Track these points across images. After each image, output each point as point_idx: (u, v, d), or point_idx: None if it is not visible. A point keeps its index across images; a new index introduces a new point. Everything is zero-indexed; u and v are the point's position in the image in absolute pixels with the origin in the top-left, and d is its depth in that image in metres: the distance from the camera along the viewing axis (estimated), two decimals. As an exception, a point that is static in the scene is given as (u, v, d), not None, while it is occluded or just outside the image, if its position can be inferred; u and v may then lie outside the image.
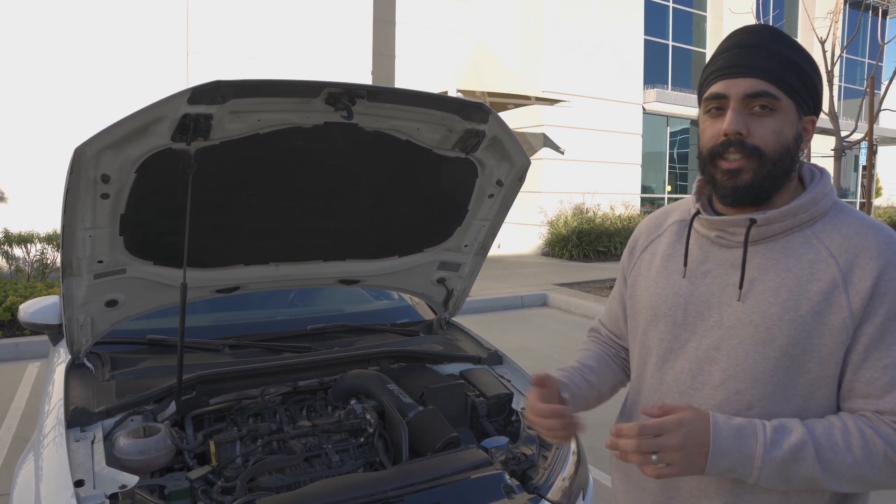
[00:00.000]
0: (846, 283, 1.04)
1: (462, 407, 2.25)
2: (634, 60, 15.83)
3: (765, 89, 1.06)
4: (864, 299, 1.02)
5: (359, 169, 2.13)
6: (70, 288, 2.02)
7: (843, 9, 13.88)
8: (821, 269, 1.06)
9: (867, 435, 1.00)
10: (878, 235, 1.06)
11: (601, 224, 13.83)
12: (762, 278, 1.10)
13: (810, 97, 1.10)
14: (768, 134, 1.07)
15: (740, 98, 1.08)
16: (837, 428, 1.02)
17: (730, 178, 1.10)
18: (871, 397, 1.03)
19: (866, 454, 1.00)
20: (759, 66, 1.07)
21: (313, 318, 2.86)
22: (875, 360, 1.03)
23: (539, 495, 1.84)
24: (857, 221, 1.09)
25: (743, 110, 1.08)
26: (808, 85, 1.09)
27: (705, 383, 1.13)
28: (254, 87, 1.68)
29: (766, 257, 1.11)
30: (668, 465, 1.01)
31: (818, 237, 1.09)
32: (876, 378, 1.02)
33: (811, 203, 1.10)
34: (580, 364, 1.39)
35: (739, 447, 1.02)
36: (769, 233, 1.11)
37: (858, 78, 23.36)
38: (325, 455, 1.94)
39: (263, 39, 10.85)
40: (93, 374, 2.20)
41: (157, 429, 1.85)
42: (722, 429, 1.02)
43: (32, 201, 9.36)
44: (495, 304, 8.50)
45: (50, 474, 1.66)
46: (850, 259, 1.05)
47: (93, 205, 1.83)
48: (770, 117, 1.07)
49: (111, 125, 1.64)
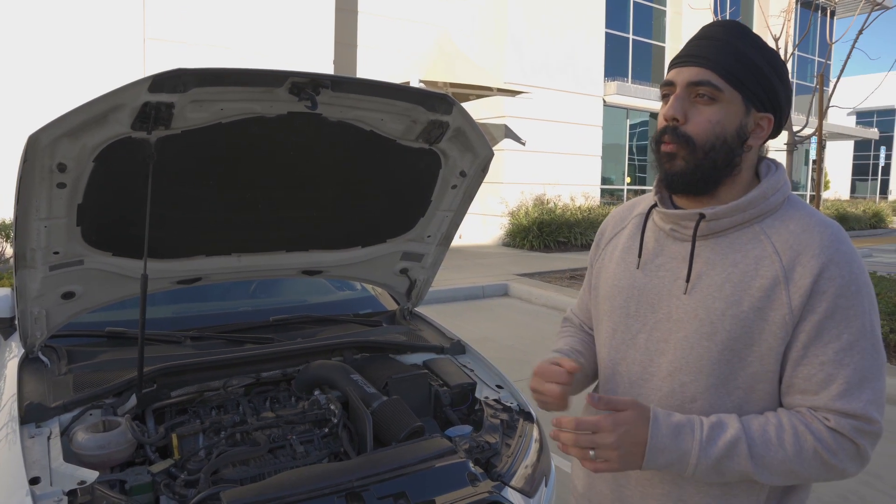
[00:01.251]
0: (787, 280, 1.06)
1: (425, 396, 2.27)
2: (595, 53, 16.01)
3: (706, 79, 1.09)
4: (803, 297, 1.05)
5: (322, 159, 2.12)
6: (24, 280, 1.97)
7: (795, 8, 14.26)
8: (765, 265, 1.08)
9: (799, 431, 1.04)
10: (824, 233, 1.08)
11: (562, 215, 14.00)
12: (709, 273, 1.12)
13: (763, 93, 1.11)
14: (702, 122, 1.10)
15: (684, 85, 1.11)
16: (772, 424, 1.06)
17: (666, 162, 1.14)
18: (808, 393, 1.06)
19: (797, 449, 1.03)
20: (707, 56, 1.10)
21: (276, 309, 2.85)
22: (812, 357, 1.05)
23: (503, 482, 1.87)
24: (806, 218, 1.11)
25: (686, 98, 1.11)
26: (761, 82, 1.11)
27: (654, 374, 1.17)
28: (217, 75, 1.66)
29: (714, 252, 1.13)
30: (605, 461, 1.05)
31: (766, 233, 1.11)
32: (812, 374, 1.05)
33: (760, 199, 1.12)
34: (570, 349, 1.41)
35: (677, 444, 1.05)
36: (718, 227, 1.13)
37: (809, 74, 24.07)
38: (290, 446, 1.93)
39: (223, 27, 10.63)
40: (48, 368, 2.15)
41: (117, 423, 1.82)
42: (661, 427, 1.06)
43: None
44: (457, 294, 8.54)
45: (2, 473, 1.62)
46: (794, 256, 1.07)
47: (48, 194, 1.79)
48: (710, 107, 1.10)
49: (68, 112, 1.60)
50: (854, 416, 1.03)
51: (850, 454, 1.04)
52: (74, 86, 9.49)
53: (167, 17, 10.17)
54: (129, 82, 1.59)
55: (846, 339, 1.04)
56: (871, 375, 1.04)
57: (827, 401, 1.04)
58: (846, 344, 1.04)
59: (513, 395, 2.37)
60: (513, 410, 2.24)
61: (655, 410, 1.08)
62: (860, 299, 1.05)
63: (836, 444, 1.03)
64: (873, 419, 1.03)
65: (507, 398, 2.33)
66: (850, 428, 1.03)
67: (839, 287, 1.04)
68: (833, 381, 1.04)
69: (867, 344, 1.05)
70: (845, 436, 1.03)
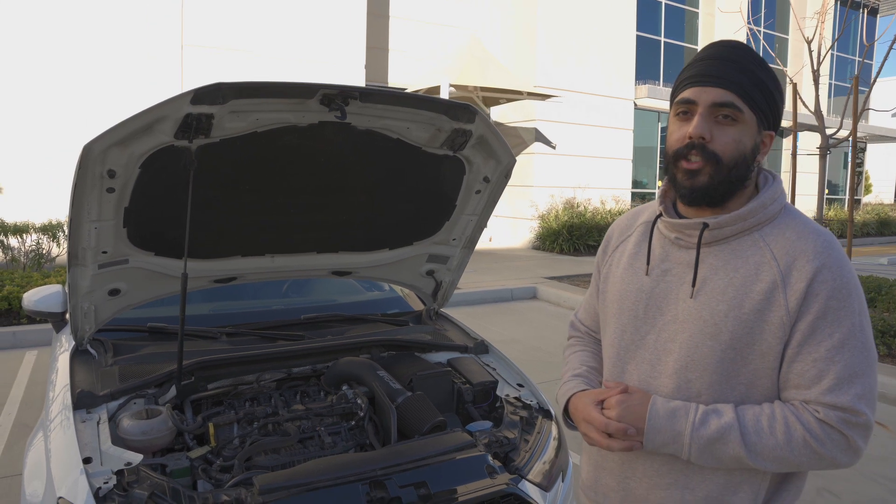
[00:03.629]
0: (785, 284, 1.14)
1: (448, 393, 2.36)
2: (626, 56, 15.93)
3: (731, 100, 1.16)
4: (798, 299, 1.13)
5: (351, 166, 2.23)
6: (75, 277, 2.12)
7: (833, 7, 13.98)
8: (764, 270, 1.17)
9: (790, 421, 1.13)
10: (817, 240, 1.16)
11: (592, 218, 13.96)
12: (713, 278, 1.21)
13: (771, 114, 1.20)
14: (728, 142, 1.17)
15: (708, 105, 1.17)
16: (765, 414, 1.15)
17: (688, 179, 1.20)
18: (801, 387, 1.15)
19: (787, 438, 1.12)
20: (729, 78, 1.16)
21: (307, 308, 2.97)
22: (806, 355, 1.14)
23: (520, 476, 1.95)
24: (801, 226, 1.20)
25: (709, 117, 1.17)
26: (770, 103, 1.19)
27: (662, 372, 1.25)
28: (253, 88, 1.78)
29: (717, 258, 1.22)
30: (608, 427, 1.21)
31: (765, 240, 1.20)
32: (805, 370, 1.14)
33: (760, 208, 1.21)
34: (587, 367, 1.49)
35: (671, 425, 1.18)
36: (721, 235, 1.22)
37: (849, 76, 23.54)
38: (318, 437, 2.04)
39: (257, 33, 10.89)
40: (96, 359, 2.30)
41: (158, 411, 1.95)
42: (658, 409, 1.20)
43: (28, 192, 9.42)
44: (486, 296, 8.62)
45: (59, 453, 1.76)
46: (790, 262, 1.15)
47: (99, 198, 1.93)
48: (732, 127, 1.17)
49: (118, 123, 1.74)
50: (842, 408, 1.10)
51: (840, 445, 1.12)
52: (118, 93, 9.83)
53: (204, 24, 10.47)
54: (173, 96, 1.72)
55: (837, 338, 1.12)
56: (860, 371, 1.12)
57: (817, 394, 1.12)
58: (837, 342, 1.12)
59: (533, 394, 2.44)
60: (532, 408, 2.31)
61: (656, 396, 1.21)
62: (850, 301, 1.13)
63: (825, 434, 1.11)
64: (860, 412, 1.10)
65: (528, 396, 2.41)
66: (838, 419, 1.10)
67: (831, 289, 1.12)
68: (824, 376, 1.12)
69: (857, 342, 1.12)
70: (833, 427, 1.11)
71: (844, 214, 20.13)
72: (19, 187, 9.43)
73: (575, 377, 1.46)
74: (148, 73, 10.11)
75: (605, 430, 1.23)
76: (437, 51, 14.13)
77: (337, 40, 11.58)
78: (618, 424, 1.21)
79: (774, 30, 20.39)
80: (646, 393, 1.24)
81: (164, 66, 10.24)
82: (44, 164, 9.49)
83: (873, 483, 3.58)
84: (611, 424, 1.22)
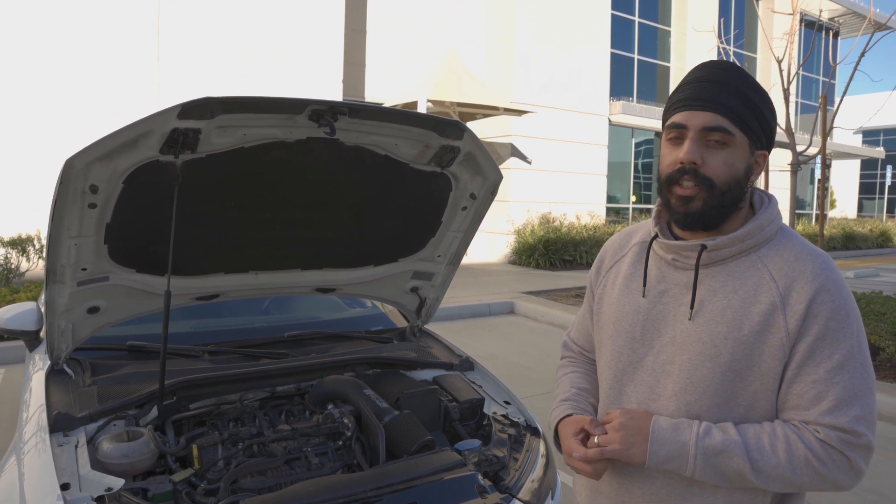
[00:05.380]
0: (784, 306, 1.14)
1: (435, 411, 2.34)
2: (601, 73, 16.18)
3: (721, 124, 1.15)
4: (798, 320, 1.13)
5: (338, 182, 2.21)
6: (53, 295, 2.06)
7: (798, 30, 14.38)
8: (763, 291, 1.17)
9: (791, 440, 1.12)
10: (815, 262, 1.17)
11: (567, 233, 14.06)
12: (711, 299, 1.21)
13: (763, 135, 1.21)
14: (720, 166, 1.17)
15: (698, 130, 1.17)
16: (766, 433, 1.14)
17: (682, 204, 1.20)
18: (800, 408, 1.14)
19: (788, 457, 1.12)
20: (719, 101, 1.16)
21: (290, 326, 2.93)
22: (805, 376, 1.14)
23: (511, 495, 1.93)
24: (799, 247, 1.20)
25: (700, 141, 1.17)
26: (762, 124, 1.19)
27: (661, 395, 1.25)
28: (242, 103, 1.75)
29: (715, 279, 1.22)
30: (609, 442, 1.20)
31: (763, 262, 1.20)
32: (805, 391, 1.14)
33: (757, 230, 1.21)
34: (577, 389, 1.48)
35: (676, 437, 1.17)
36: (719, 257, 1.22)
37: (814, 95, 24.20)
38: (305, 458, 2.00)
39: (236, 45, 10.82)
40: (73, 379, 2.23)
41: (140, 433, 1.89)
42: (661, 423, 1.19)
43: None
44: (463, 311, 8.60)
45: (34, 478, 1.69)
46: (789, 283, 1.15)
47: (80, 214, 1.88)
48: (723, 150, 1.17)
49: (102, 138, 1.70)
50: (842, 429, 1.10)
51: (842, 466, 1.11)
52: (91, 100, 9.66)
53: (181, 33, 10.37)
54: (160, 110, 1.68)
55: (837, 360, 1.12)
56: (859, 393, 1.12)
57: (817, 416, 1.12)
58: (836, 364, 1.12)
59: (520, 411, 2.43)
60: (520, 426, 2.30)
61: (658, 415, 1.22)
62: (849, 322, 1.14)
63: (826, 454, 1.11)
64: (860, 433, 1.10)
65: (515, 414, 2.40)
66: (838, 440, 1.10)
67: (830, 311, 1.13)
68: (824, 398, 1.12)
69: (856, 364, 1.12)
70: (835, 447, 1.11)
71: (812, 229, 20.60)
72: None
73: (563, 402, 1.45)
74: (123, 78, 9.95)
75: (584, 460, 1.23)
76: (415, 66, 14.19)
77: (315, 56, 11.56)
78: (595, 451, 1.21)
79: (744, 49, 20.90)
80: (647, 411, 1.23)
81: (140, 72, 10.10)
82: (12, 176, 9.27)
83: (854, 496, 3.62)
84: (589, 453, 1.22)
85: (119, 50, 9.94)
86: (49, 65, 9.48)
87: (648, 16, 18.27)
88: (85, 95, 9.67)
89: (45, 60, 9.46)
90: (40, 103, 9.43)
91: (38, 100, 9.42)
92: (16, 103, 9.31)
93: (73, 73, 9.63)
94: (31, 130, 9.38)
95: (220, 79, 10.65)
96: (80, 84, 9.66)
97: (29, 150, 9.34)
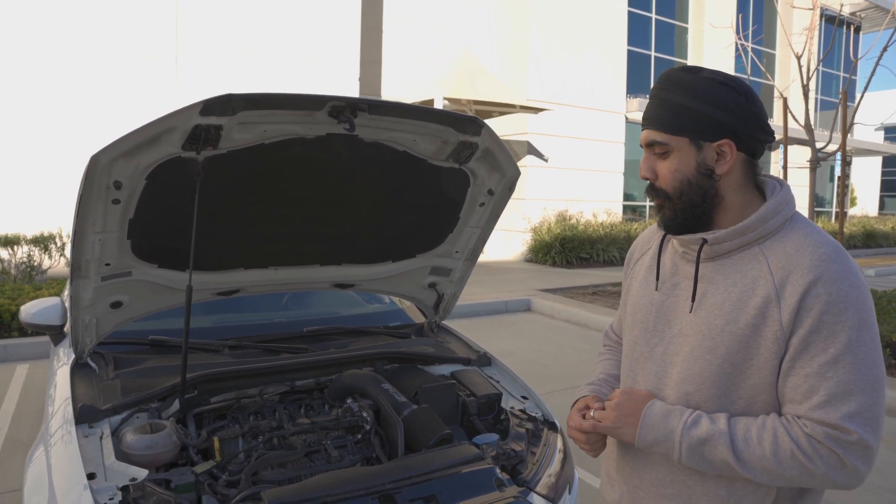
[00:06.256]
0: (779, 299, 1.13)
1: (453, 406, 2.35)
2: (617, 70, 16.09)
3: (653, 138, 1.23)
4: (791, 313, 1.11)
5: (357, 178, 2.22)
6: (78, 289, 2.09)
7: (818, 25, 14.20)
8: (760, 284, 1.16)
9: (778, 433, 1.12)
10: (815, 253, 1.13)
11: (584, 231, 14.01)
12: (712, 291, 1.22)
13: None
14: (666, 174, 1.24)
15: (645, 147, 1.26)
16: (756, 424, 1.15)
17: (658, 213, 1.30)
18: (795, 402, 1.13)
19: (773, 450, 1.11)
20: (649, 116, 1.24)
21: (309, 321, 2.95)
22: (798, 370, 1.12)
23: (528, 488, 1.94)
24: (802, 238, 1.17)
25: (651, 156, 1.26)
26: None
27: (666, 385, 1.28)
28: (263, 99, 1.77)
29: (717, 272, 1.23)
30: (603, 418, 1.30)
31: (765, 254, 1.18)
32: (798, 385, 1.12)
33: (758, 223, 1.19)
34: (605, 375, 1.56)
35: (665, 423, 1.22)
36: (721, 251, 1.22)
37: (834, 91, 23.88)
38: (325, 451, 2.02)
39: (253, 44, 10.90)
40: (97, 373, 2.27)
41: (162, 425, 1.93)
42: (654, 408, 1.25)
43: (19, 204, 9.33)
44: (480, 309, 8.61)
45: (62, 468, 1.73)
46: (785, 275, 1.14)
47: (104, 210, 1.91)
48: (666, 160, 1.23)
49: (125, 135, 1.73)
50: (830, 425, 1.08)
51: (831, 463, 1.09)
52: (112, 98, 9.79)
53: (199, 29, 10.47)
54: (182, 107, 1.71)
55: (831, 354, 1.09)
56: (855, 389, 1.08)
57: (807, 410, 1.11)
58: (831, 358, 1.09)
59: (538, 406, 2.44)
60: (538, 420, 2.30)
61: (657, 399, 1.27)
62: (846, 316, 1.09)
63: (812, 449, 1.09)
64: (850, 430, 1.07)
65: (533, 408, 2.40)
66: (825, 436, 1.08)
67: (825, 304, 1.10)
68: (815, 392, 1.10)
69: (853, 359, 1.09)
70: (821, 443, 1.09)
71: (832, 227, 20.33)
72: (11, 198, 9.34)
73: (587, 385, 1.53)
74: (142, 76, 10.07)
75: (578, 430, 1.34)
76: (431, 65, 14.20)
77: (332, 54, 11.62)
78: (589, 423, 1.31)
79: (762, 45, 20.67)
80: (650, 394, 1.29)
81: (160, 69, 10.21)
82: (35, 174, 9.41)
83: (871, 494, 3.59)
84: (584, 425, 1.32)
85: (138, 50, 10.05)
86: (72, 66, 9.62)
87: (665, 12, 18.14)
88: (106, 95, 9.79)
89: (68, 61, 9.60)
90: (62, 104, 9.57)
91: (61, 100, 9.56)
92: (40, 106, 9.45)
93: (94, 73, 9.75)
94: (53, 130, 9.52)
95: (239, 78, 10.73)
96: (100, 84, 9.78)
97: (52, 150, 9.48)
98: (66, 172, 9.32)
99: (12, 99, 9.29)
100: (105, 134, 9.41)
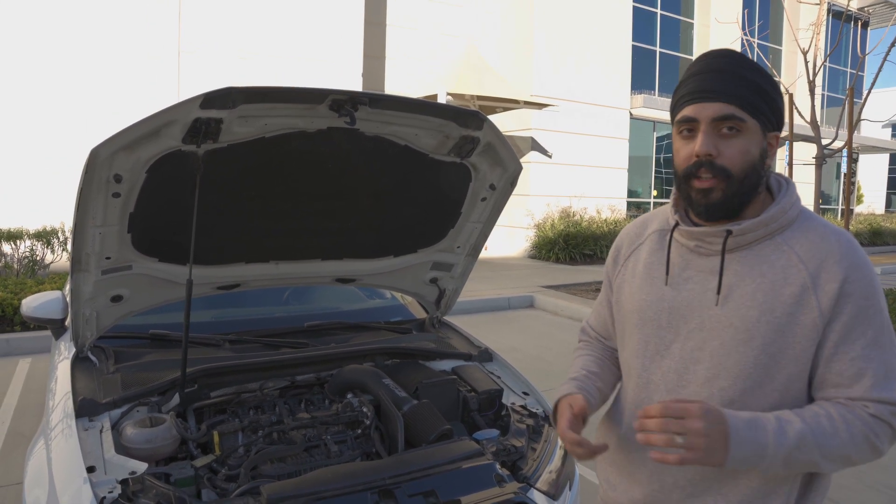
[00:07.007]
0: (815, 286, 1.15)
1: (454, 401, 2.34)
2: (622, 66, 16.02)
3: (732, 112, 1.16)
4: (831, 300, 1.14)
5: (358, 172, 2.21)
6: (78, 283, 2.09)
7: (825, 20, 14.11)
8: (792, 273, 1.17)
9: (848, 419, 1.13)
10: (840, 241, 1.18)
11: (587, 227, 13.98)
12: (740, 283, 1.20)
13: (773, 115, 1.21)
14: (735, 154, 1.17)
15: (709, 121, 1.17)
16: (822, 416, 1.13)
17: (703, 197, 1.21)
18: (842, 386, 1.16)
19: (849, 435, 1.12)
20: (726, 90, 1.16)
21: (310, 316, 2.95)
22: (843, 354, 1.15)
23: (528, 484, 1.93)
24: (822, 228, 1.21)
25: (712, 132, 1.17)
26: (770, 105, 1.19)
27: (691, 381, 1.24)
28: (263, 93, 1.76)
29: (742, 264, 1.21)
30: (692, 448, 1.05)
31: (788, 244, 1.20)
32: (844, 369, 1.15)
33: (780, 213, 1.21)
34: (587, 371, 1.48)
35: (755, 437, 1.09)
36: (744, 242, 1.22)
37: (841, 87, 23.75)
38: (324, 445, 2.02)
39: (255, 41, 10.89)
40: (97, 367, 2.27)
41: (162, 419, 1.93)
42: (736, 421, 1.10)
43: (21, 201, 9.35)
44: (483, 305, 8.60)
45: (62, 461, 1.73)
46: (818, 264, 1.16)
47: (104, 203, 1.91)
48: (737, 138, 1.17)
49: (126, 128, 1.72)
50: (891, 402, 1.13)
51: (889, 436, 1.15)
52: (116, 98, 9.79)
53: (201, 31, 10.46)
54: (183, 100, 1.70)
55: (871, 336, 1.15)
56: (893, 365, 1.15)
57: (863, 392, 1.14)
58: (871, 340, 1.15)
59: (539, 402, 2.43)
60: (538, 416, 2.30)
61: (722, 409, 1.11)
62: (878, 299, 1.16)
63: (879, 427, 1.14)
64: None
65: (533, 404, 2.40)
66: (889, 413, 1.13)
67: (862, 289, 1.15)
68: (864, 373, 1.14)
69: (887, 339, 1.16)
70: (885, 421, 1.14)
71: (837, 224, 20.24)
72: (13, 193, 9.36)
73: (570, 381, 1.45)
74: (145, 75, 10.08)
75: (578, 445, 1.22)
76: (434, 60, 14.17)
77: (335, 49, 11.60)
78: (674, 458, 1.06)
79: (769, 41, 20.56)
80: (719, 410, 1.10)
81: (162, 68, 10.21)
82: (38, 170, 9.43)
83: (874, 491, 3.57)
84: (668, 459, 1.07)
85: (139, 50, 10.05)
86: (73, 66, 9.63)
87: (671, 8, 18.05)
88: (107, 95, 9.80)
89: (70, 62, 9.61)
90: (65, 100, 9.58)
91: (63, 100, 9.57)
92: (43, 101, 9.47)
93: (95, 73, 9.77)
94: (57, 126, 9.53)
95: (241, 78, 10.72)
96: (101, 84, 9.80)
97: (53, 149, 9.50)
98: (66, 172, 9.33)
99: (15, 98, 9.31)
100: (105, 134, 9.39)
